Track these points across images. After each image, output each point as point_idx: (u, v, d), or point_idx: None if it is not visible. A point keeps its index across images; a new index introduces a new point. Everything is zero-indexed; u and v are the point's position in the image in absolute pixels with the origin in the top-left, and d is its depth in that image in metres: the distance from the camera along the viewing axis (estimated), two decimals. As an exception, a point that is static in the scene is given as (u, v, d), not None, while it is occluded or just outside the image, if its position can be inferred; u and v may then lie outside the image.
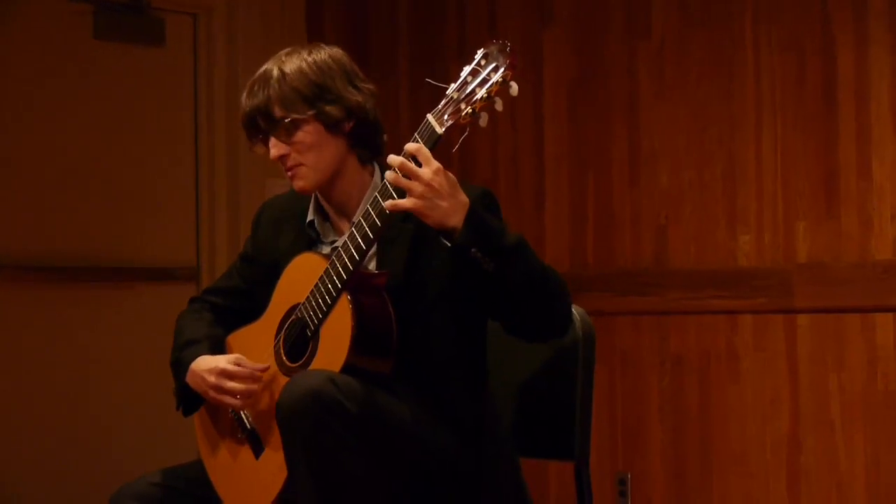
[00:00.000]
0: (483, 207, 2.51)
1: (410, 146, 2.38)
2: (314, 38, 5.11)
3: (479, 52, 2.38)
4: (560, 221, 4.73)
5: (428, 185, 2.35)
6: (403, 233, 2.52)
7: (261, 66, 2.64)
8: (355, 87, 2.61)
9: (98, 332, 4.79)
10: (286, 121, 2.56)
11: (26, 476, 4.58)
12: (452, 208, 2.37)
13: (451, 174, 2.39)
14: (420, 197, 2.36)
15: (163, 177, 5.00)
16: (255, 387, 2.55)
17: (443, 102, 2.38)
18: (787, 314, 4.17)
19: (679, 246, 4.43)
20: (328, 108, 2.56)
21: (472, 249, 2.36)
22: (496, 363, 2.73)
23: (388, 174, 2.40)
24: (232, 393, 2.55)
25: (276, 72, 2.58)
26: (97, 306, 4.80)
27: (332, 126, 2.57)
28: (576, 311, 2.84)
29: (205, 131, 5.09)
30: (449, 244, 2.38)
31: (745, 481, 4.24)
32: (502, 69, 2.34)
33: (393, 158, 2.39)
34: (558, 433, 2.82)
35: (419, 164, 2.36)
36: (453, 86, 2.38)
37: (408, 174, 2.36)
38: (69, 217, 4.75)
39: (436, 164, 2.36)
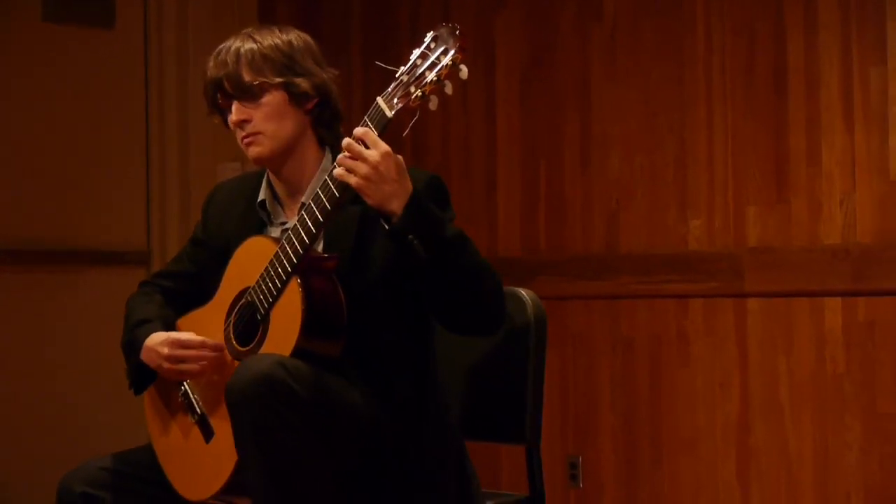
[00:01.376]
0: (431, 193, 2.52)
1: (358, 130, 2.39)
2: (266, 19, 5.09)
3: (429, 35, 2.38)
4: (512, 206, 4.74)
5: (374, 167, 2.36)
6: (351, 215, 2.52)
7: (212, 48, 2.65)
8: (321, 67, 2.63)
9: (47, 318, 4.76)
10: (254, 84, 2.57)
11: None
12: (395, 192, 2.38)
13: (400, 158, 2.39)
14: (364, 178, 2.37)
15: (113, 160, 4.96)
16: (210, 355, 2.54)
17: (392, 86, 2.39)
18: (738, 298, 4.19)
19: (630, 230, 4.45)
20: (296, 80, 2.58)
21: (409, 236, 2.37)
22: (448, 347, 2.74)
23: (340, 157, 2.40)
24: (185, 360, 2.55)
25: (248, 43, 2.60)
26: (46, 291, 4.76)
27: (297, 98, 2.59)
28: (527, 295, 2.85)
29: (156, 115, 5.06)
30: (387, 227, 2.39)
31: (695, 464, 4.27)
32: (452, 52, 2.34)
33: (346, 141, 2.40)
34: (509, 417, 2.83)
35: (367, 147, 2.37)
36: (403, 69, 2.38)
37: (355, 155, 2.37)
38: (17, 200, 4.71)
39: (384, 148, 2.37)
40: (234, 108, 2.61)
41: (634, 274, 4.41)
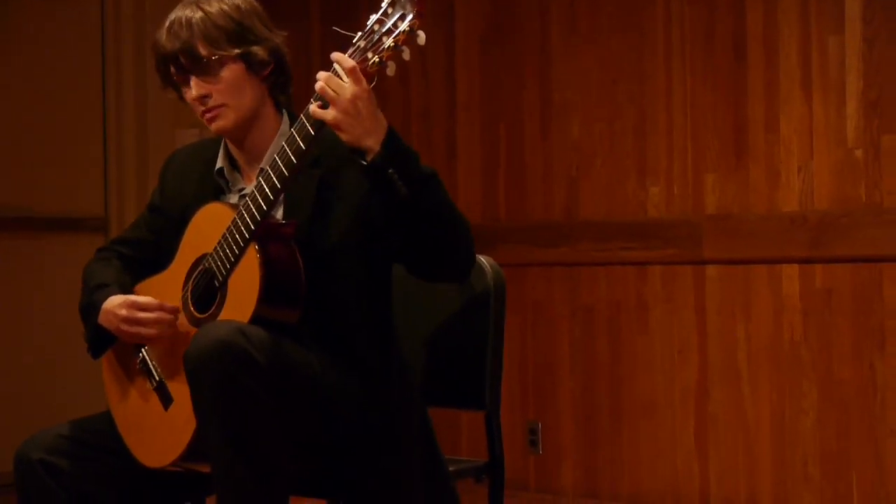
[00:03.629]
0: None
1: (340, 57, 2.36)
2: (225, -14, 5.05)
3: (386, 1, 2.36)
4: (472, 173, 4.74)
5: (352, 100, 2.35)
6: (310, 179, 2.51)
7: (169, 9, 2.61)
8: (271, 31, 2.61)
9: (3, 284, 4.72)
10: (213, 58, 2.54)
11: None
12: (372, 128, 2.37)
13: (373, 94, 2.38)
14: (343, 111, 2.36)
15: (70, 127, 4.93)
16: (167, 317, 2.53)
17: (349, 51, 2.37)
18: (696, 265, 4.22)
19: (589, 198, 4.46)
20: (253, 48, 2.56)
21: (389, 171, 2.36)
22: (407, 313, 2.74)
23: (317, 85, 2.38)
24: (143, 323, 2.53)
25: (198, 13, 2.56)
26: (2, 258, 4.73)
27: (254, 67, 2.57)
28: (487, 261, 2.85)
29: (112, 80, 5.02)
30: (364, 163, 2.38)
31: (654, 429, 4.30)
32: (409, 17, 2.33)
33: (322, 73, 2.38)
34: (469, 383, 2.84)
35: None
36: (360, 34, 2.37)
37: (334, 88, 2.35)
38: (-27, 168, 4.67)
39: (364, 84, 2.36)
40: (192, 83, 2.57)
41: (594, 241, 4.43)
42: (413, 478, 2.54)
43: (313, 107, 2.39)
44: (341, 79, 2.36)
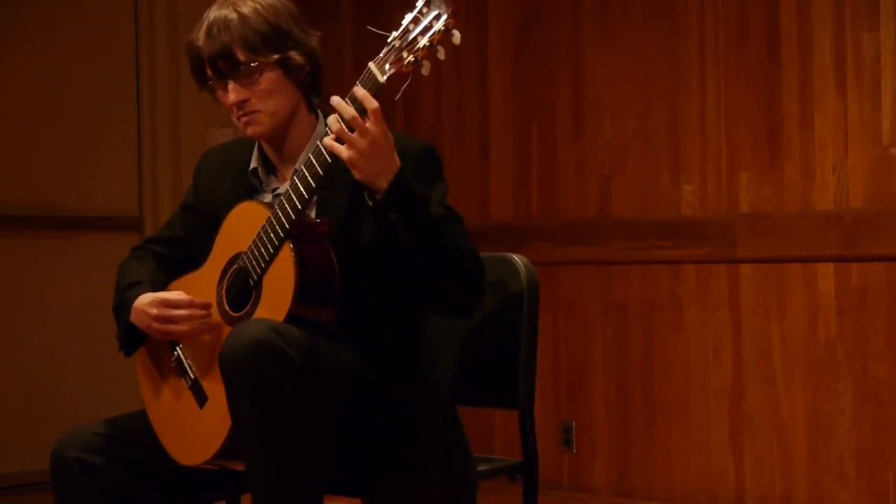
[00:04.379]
0: (425, 164, 2.52)
1: (364, 96, 2.36)
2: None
3: (421, 0, 2.36)
4: (504, 171, 4.74)
5: (370, 143, 2.35)
6: (344, 180, 2.51)
7: (203, 10, 2.61)
8: (305, 32, 2.60)
9: (39, 283, 4.75)
10: (251, 65, 2.54)
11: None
12: (384, 169, 2.37)
13: (391, 136, 2.38)
14: (359, 152, 2.36)
15: (104, 125, 4.95)
16: (198, 313, 2.54)
17: (384, 51, 2.37)
18: (730, 264, 4.20)
19: (623, 196, 4.44)
20: (291, 54, 2.55)
21: (392, 215, 2.37)
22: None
23: (332, 120, 2.38)
24: (174, 320, 2.54)
25: (234, 14, 2.55)
26: (38, 256, 4.76)
27: (291, 72, 2.57)
28: (520, 260, 2.85)
29: (147, 80, 5.04)
30: (371, 203, 2.39)
31: (687, 429, 4.28)
32: (444, 17, 2.33)
33: (343, 108, 2.37)
34: (503, 382, 2.83)
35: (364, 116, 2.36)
36: (395, 34, 2.37)
37: (355, 128, 2.35)
38: (7, 166, 4.70)
39: (383, 126, 2.36)
40: (230, 88, 2.57)
41: (627, 239, 4.41)
42: (430, 478, 2.54)
43: (329, 140, 2.38)
44: (361, 114, 2.35)
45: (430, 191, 2.50)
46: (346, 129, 2.37)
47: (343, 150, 2.37)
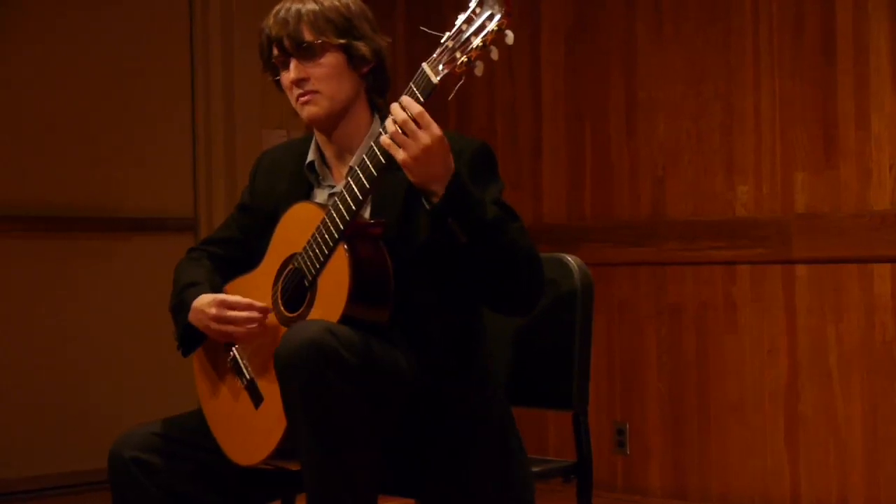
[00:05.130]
0: (479, 162, 2.52)
1: (413, 107, 2.37)
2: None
3: (474, 0, 2.36)
4: (558, 172, 4.73)
5: (424, 148, 2.36)
6: (399, 180, 2.52)
7: (258, 11, 2.65)
8: (377, 34, 2.64)
9: (94, 284, 4.79)
10: (316, 43, 2.57)
11: (23, 427, 4.59)
12: (438, 174, 2.38)
13: (446, 141, 2.39)
14: (413, 157, 2.37)
15: (159, 127, 4.99)
16: (256, 316, 2.55)
17: (438, 51, 2.37)
18: (785, 265, 4.17)
19: (676, 196, 4.43)
20: (356, 43, 2.59)
21: (449, 219, 2.38)
22: (494, 313, 2.73)
23: (389, 122, 2.39)
24: (233, 321, 2.56)
25: (309, 4, 2.60)
26: (93, 257, 4.80)
27: (355, 61, 2.60)
28: (574, 261, 2.84)
29: (201, 82, 5.07)
30: (428, 207, 2.40)
31: (743, 430, 4.26)
32: (498, 17, 2.33)
33: (397, 111, 2.39)
34: (557, 383, 2.83)
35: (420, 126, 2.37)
36: (448, 34, 2.37)
37: (409, 134, 2.36)
38: (64, 167, 4.74)
39: (436, 131, 2.37)
40: (292, 65, 2.60)
41: (681, 240, 4.39)
42: (486, 479, 2.54)
43: (385, 139, 2.40)
44: (417, 124, 2.37)
45: (486, 189, 2.50)
46: (401, 133, 2.38)
47: (398, 153, 2.38)
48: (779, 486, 4.18)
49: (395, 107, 2.40)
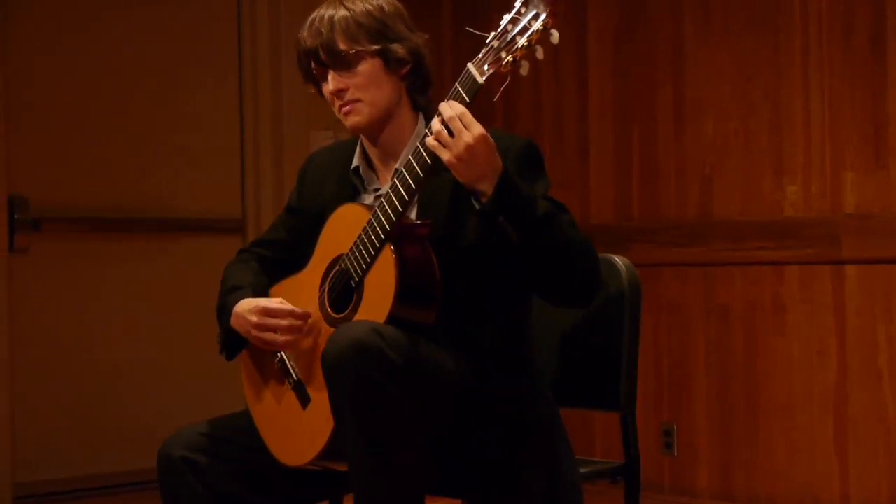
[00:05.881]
0: (525, 160, 2.52)
1: (456, 107, 2.38)
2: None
3: (519, 0, 2.36)
4: (605, 172, 4.71)
5: (468, 146, 2.36)
6: (445, 181, 2.52)
7: (304, 15, 2.65)
8: (413, 32, 2.63)
9: (143, 284, 4.82)
10: (350, 53, 2.57)
11: (70, 427, 4.63)
12: (484, 173, 2.38)
13: (490, 140, 2.39)
14: (457, 157, 2.37)
15: (208, 129, 5.01)
16: (297, 323, 2.56)
17: (483, 51, 2.38)
18: (835, 265, 4.14)
19: (725, 196, 4.40)
20: (392, 46, 2.58)
21: (500, 218, 2.37)
22: (542, 313, 2.73)
23: (435, 122, 2.40)
24: (273, 329, 2.56)
25: (341, 11, 2.60)
26: (142, 258, 4.83)
27: (392, 64, 2.59)
28: (621, 262, 2.84)
29: (249, 83, 5.09)
30: (478, 207, 2.40)
31: (791, 431, 4.23)
32: (543, 16, 2.33)
33: (443, 109, 2.39)
34: (604, 384, 2.82)
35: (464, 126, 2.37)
36: (493, 34, 2.37)
37: (453, 131, 2.37)
38: (113, 169, 4.77)
39: (479, 130, 2.37)
40: (330, 77, 2.61)
41: (729, 241, 4.37)
42: (533, 480, 2.53)
43: (431, 140, 2.40)
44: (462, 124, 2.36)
45: (534, 186, 2.50)
46: (446, 132, 2.38)
47: (443, 153, 2.39)
48: (827, 488, 4.14)
49: (442, 106, 2.40)
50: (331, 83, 2.61)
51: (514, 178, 2.41)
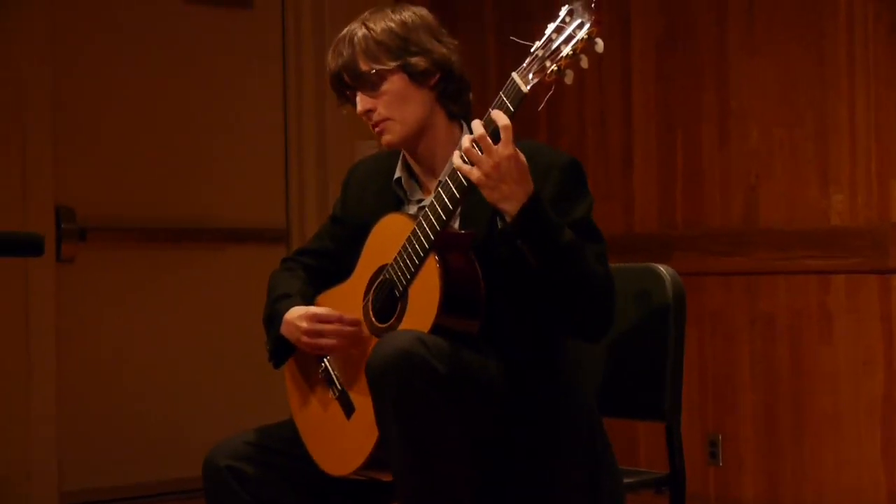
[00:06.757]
0: (568, 177, 2.52)
1: (497, 115, 2.37)
2: (401, -1, 5.10)
3: (564, 9, 2.37)
4: (649, 181, 4.70)
5: (495, 165, 2.36)
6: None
7: (349, 20, 2.67)
8: (440, 41, 2.62)
9: (188, 294, 4.85)
10: (371, 73, 2.58)
11: (116, 436, 4.65)
12: (512, 194, 2.38)
13: (523, 160, 2.38)
14: (485, 174, 2.36)
15: (252, 139, 5.03)
16: (347, 329, 2.57)
17: (528, 60, 2.38)
18: (882, 274, 4.10)
19: (770, 205, 4.38)
20: (413, 60, 2.58)
21: (518, 241, 2.38)
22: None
23: (465, 139, 2.40)
24: (324, 335, 2.57)
25: (361, 30, 2.60)
26: (186, 268, 4.85)
27: (417, 77, 2.59)
28: (666, 271, 2.83)
29: (293, 93, 5.11)
30: (500, 225, 2.40)
31: (838, 442, 4.20)
32: (587, 25, 2.33)
33: (475, 126, 2.39)
34: (649, 393, 2.82)
35: (498, 139, 2.36)
36: (538, 43, 2.38)
37: (483, 148, 2.36)
38: (158, 179, 4.80)
39: (510, 149, 2.36)
40: (357, 98, 2.63)
41: (774, 250, 4.34)
42: (577, 489, 2.53)
43: (457, 158, 2.40)
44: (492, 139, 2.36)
45: (575, 205, 2.49)
46: (476, 150, 2.38)
47: (472, 171, 2.38)
48: (875, 498, 4.11)
49: (475, 122, 2.40)
50: (359, 104, 2.62)
51: (542, 205, 2.40)
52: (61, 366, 4.51)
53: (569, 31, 2.35)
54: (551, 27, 2.37)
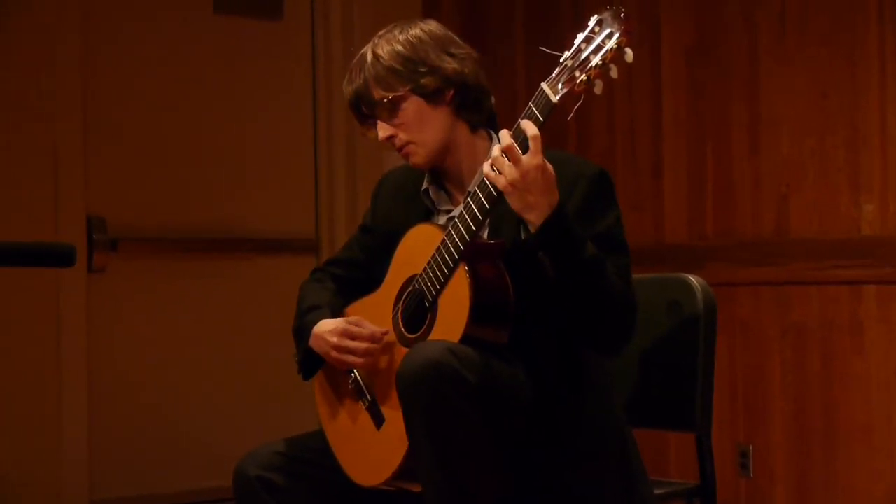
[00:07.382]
0: (597, 188, 2.52)
1: (527, 125, 2.37)
2: (430, 9, 5.11)
3: (593, 19, 2.36)
4: (679, 191, 4.69)
5: (522, 174, 2.35)
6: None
7: (377, 31, 2.67)
8: (450, 55, 2.61)
9: (218, 303, 4.86)
10: (385, 101, 2.58)
11: (149, 444, 4.67)
12: (537, 204, 2.37)
13: (551, 171, 2.37)
14: (511, 183, 2.36)
15: (282, 150, 5.04)
16: (375, 346, 2.57)
17: (557, 70, 2.37)
18: (913, 284, 4.08)
19: (801, 215, 4.36)
20: (424, 81, 2.58)
21: (539, 253, 2.37)
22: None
23: (494, 149, 2.40)
24: (353, 352, 2.58)
25: (369, 55, 2.61)
26: (216, 278, 4.86)
27: (431, 97, 2.59)
28: (696, 281, 2.82)
29: (323, 104, 5.12)
30: (522, 236, 2.40)
31: (870, 454, 4.17)
32: (616, 35, 2.32)
33: (503, 136, 2.39)
34: (679, 404, 2.81)
35: (527, 148, 2.36)
36: (567, 53, 2.37)
37: (510, 158, 2.36)
38: (188, 190, 4.81)
39: (538, 159, 2.35)
40: (378, 126, 2.64)
41: (805, 260, 4.32)
42: (607, 499, 2.52)
43: (486, 166, 2.40)
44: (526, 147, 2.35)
45: (603, 216, 2.49)
46: (503, 159, 2.37)
47: (499, 179, 2.38)
48: (908, 510, 4.08)
49: (503, 132, 2.40)
50: (379, 132, 2.64)
51: (566, 217, 2.39)
52: (92, 376, 4.52)
53: (598, 40, 2.34)
54: (581, 37, 2.37)
